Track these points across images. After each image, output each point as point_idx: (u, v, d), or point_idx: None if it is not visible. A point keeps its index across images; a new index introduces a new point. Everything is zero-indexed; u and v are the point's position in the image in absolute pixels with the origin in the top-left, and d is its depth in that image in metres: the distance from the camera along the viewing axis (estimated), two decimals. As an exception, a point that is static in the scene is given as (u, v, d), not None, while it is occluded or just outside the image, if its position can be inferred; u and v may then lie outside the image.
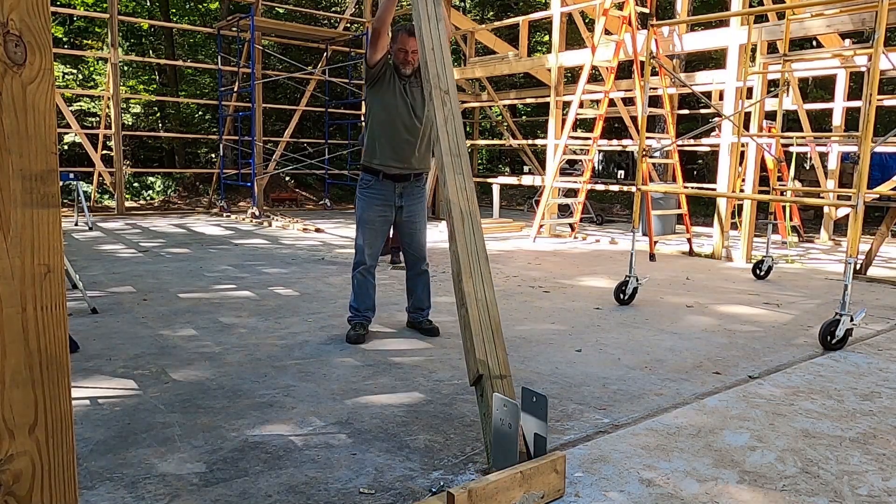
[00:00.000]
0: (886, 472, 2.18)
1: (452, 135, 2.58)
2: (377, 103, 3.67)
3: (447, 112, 2.60)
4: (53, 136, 1.13)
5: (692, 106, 12.18)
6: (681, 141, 8.13)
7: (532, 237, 8.67)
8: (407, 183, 3.73)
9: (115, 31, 11.02)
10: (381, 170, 3.68)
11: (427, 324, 3.90)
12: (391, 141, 3.65)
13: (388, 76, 3.63)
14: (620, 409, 2.75)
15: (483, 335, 2.27)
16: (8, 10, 1.06)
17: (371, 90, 3.67)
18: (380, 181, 3.69)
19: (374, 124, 3.69)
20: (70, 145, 13.39)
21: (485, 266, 2.41)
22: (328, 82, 13.03)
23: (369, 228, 3.72)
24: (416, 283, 3.90)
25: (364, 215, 3.72)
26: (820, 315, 4.52)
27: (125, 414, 2.58)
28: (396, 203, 3.73)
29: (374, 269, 3.81)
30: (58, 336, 1.15)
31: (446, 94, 2.62)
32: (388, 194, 3.70)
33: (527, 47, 10.23)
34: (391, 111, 3.62)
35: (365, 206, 3.72)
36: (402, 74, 3.64)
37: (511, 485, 1.87)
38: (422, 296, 3.91)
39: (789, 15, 5.94)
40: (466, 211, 2.47)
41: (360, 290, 3.77)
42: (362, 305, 3.77)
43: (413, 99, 3.64)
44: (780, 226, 8.08)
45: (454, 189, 2.48)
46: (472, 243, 2.42)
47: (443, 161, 2.52)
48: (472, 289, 2.33)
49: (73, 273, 4.46)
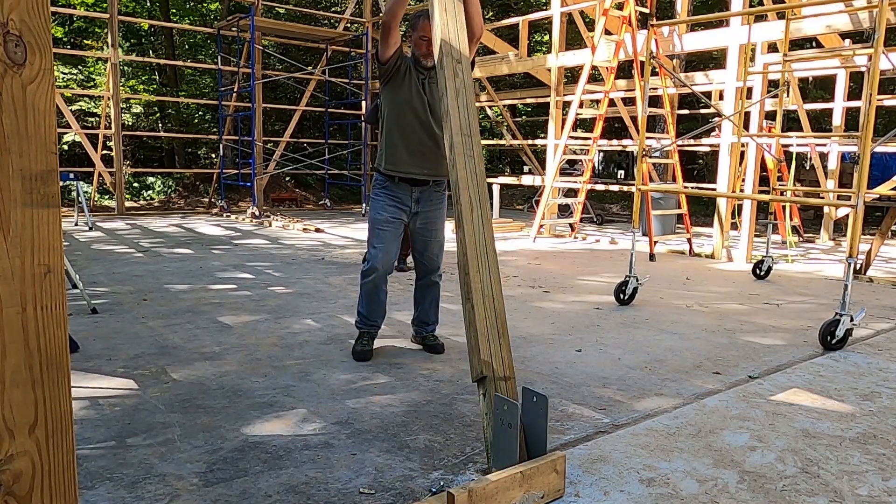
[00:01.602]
0: (886, 472, 2.18)
1: (464, 111, 2.31)
2: (390, 101, 3.32)
3: (459, 84, 2.32)
4: (53, 136, 1.13)
5: (692, 106, 12.18)
6: (681, 141, 8.12)
7: (532, 237, 8.66)
8: (425, 188, 3.38)
9: (115, 31, 11.02)
10: (394, 174, 3.33)
11: (431, 339, 3.58)
12: (406, 143, 3.29)
13: (403, 70, 3.26)
14: (620, 409, 2.75)
15: (488, 334, 2.16)
16: (8, 10, 1.06)
17: (385, 87, 3.32)
18: (395, 184, 3.35)
19: (387, 124, 3.34)
20: (70, 145, 13.39)
21: (493, 258, 2.25)
22: (328, 82, 13.03)
23: (382, 231, 3.36)
24: (424, 295, 3.57)
25: (377, 216, 3.38)
26: (820, 315, 4.52)
27: (125, 414, 2.58)
28: (413, 209, 3.38)
29: (387, 276, 3.45)
30: (58, 336, 1.15)
31: (458, 63, 2.33)
32: (403, 197, 3.36)
33: (527, 47, 10.23)
34: (405, 109, 3.27)
35: (378, 207, 3.38)
36: (422, 67, 3.27)
37: (511, 485, 1.87)
38: (429, 309, 3.58)
39: (789, 15, 5.94)
40: (476, 198, 2.27)
41: (369, 298, 3.44)
42: (371, 314, 3.46)
43: (432, 96, 3.27)
44: (780, 226, 8.07)
45: (464, 173, 2.26)
46: (481, 233, 2.25)
47: (452, 141, 2.28)
48: (480, 284, 2.19)
49: (73, 273, 4.46)
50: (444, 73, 2.30)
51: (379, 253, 3.36)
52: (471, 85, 2.37)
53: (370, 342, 3.45)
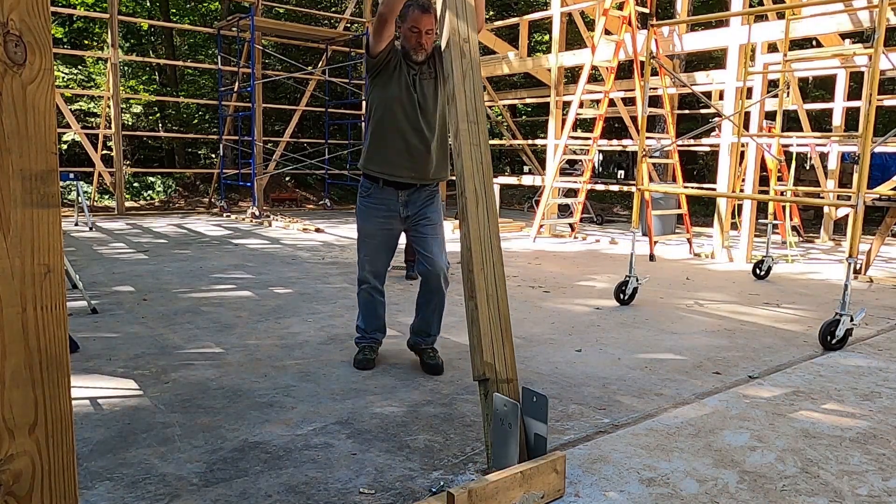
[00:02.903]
0: (886, 472, 2.18)
1: (470, 95, 2.14)
2: (378, 97, 3.08)
3: (466, 66, 2.13)
4: (53, 136, 1.13)
5: (692, 106, 12.18)
6: (681, 141, 8.12)
7: (532, 237, 8.66)
8: (412, 190, 3.15)
9: (115, 32, 11.02)
10: (379, 177, 3.12)
11: (431, 356, 3.26)
12: (393, 144, 3.07)
13: (393, 64, 3.02)
14: (620, 409, 2.75)
15: (492, 335, 2.10)
16: (8, 10, 1.06)
17: (373, 82, 3.09)
18: (380, 188, 3.14)
19: (374, 122, 3.12)
20: (70, 145, 13.39)
21: (497, 255, 2.16)
22: (328, 82, 13.03)
23: (370, 242, 3.22)
24: (428, 301, 3.26)
25: (364, 227, 3.21)
26: (820, 315, 4.52)
27: (125, 414, 2.58)
28: (402, 213, 3.15)
29: (382, 286, 3.30)
30: (58, 336, 1.15)
31: (466, 42, 2.14)
32: (390, 203, 3.13)
33: (527, 47, 10.23)
34: (393, 108, 3.04)
35: (364, 216, 3.19)
36: (412, 62, 3.04)
37: (511, 485, 1.87)
38: (430, 317, 3.27)
39: (789, 15, 5.94)
40: (482, 190, 2.14)
41: (366, 310, 3.31)
42: (370, 326, 3.31)
43: (423, 95, 3.05)
44: (780, 226, 8.07)
45: (469, 163, 2.12)
46: (486, 228, 2.14)
47: (458, 128, 2.12)
48: (484, 282, 2.10)
49: (73, 273, 4.46)
50: (449, 52, 2.12)
51: (366, 264, 3.24)
52: (478, 66, 2.19)
53: (372, 353, 3.31)
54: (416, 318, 3.33)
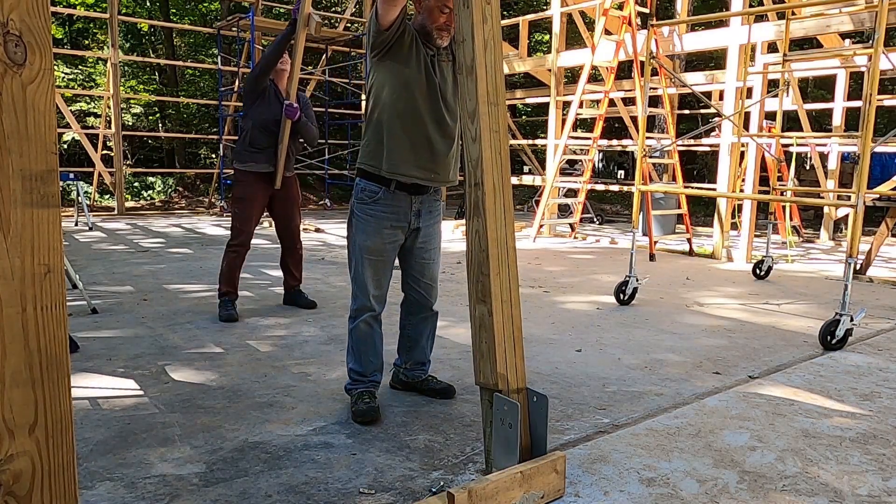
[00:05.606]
0: (886, 472, 2.18)
1: (491, 71, 1.81)
2: (390, 80, 2.47)
3: (488, 33, 1.79)
4: (53, 136, 1.13)
5: (692, 106, 12.18)
6: (681, 141, 8.13)
7: (532, 237, 8.66)
8: (425, 196, 2.62)
9: (115, 32, 11.02)
10: (392, 178, 2.52)
11: (436, 381, 2.85)
12: (411, 138, 2.49)
13: (408, 42, 2.44)
14: (620, 409, 2.75)
15: (505, 345, 1.94)
16: (8, 10, 1.06)
17: (380, 62, 2.47)
18: (390, 193, 2.53)
19: (383, 112, 2.50)
20: (70, 145, 13.39)
21: (513, 257, 1.96)
22: (328, 82, 13.03)
23: (375, 262, 2.58)
24: (422, 331, 2.81)
25: (368, 242, 2.55)
26: (820, 315, 4.52)
27: (125, 414, 2.58)
28: (412, 224, 2.60)
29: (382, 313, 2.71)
30: (58, 336, 1.15)
31: (488, 4, 1.81)
32: (401, 212, 2.56)
33: (527, 47, 10.24)
34: (409, 93, 2.46)
35: (370, 229, 2.55)
36: (431, 44, 2.51)
37: (511, 485, 1.87)
38: (426, 346, 2.83)
39: (789, 15, 5.94)
40: (500, 184, 1.87)
41: (363, 347, 2.64)
42: (369, 367, 2.65)
43: (443, 79, 2.52)
44: (780, 226, 8.07)
45: (489, 153, 1.83)
46: (503, 226, 1.89)
47: (478, 109, 1.80)
48: (499, 288, 1.90)
49: (73, 273, 4.46)
50: (470, 12, 1.76)
51: (371, 287, 2.59)
52: (500, 38, 1.84)
53: (373, 399, 2.62)
54: (410, 353, 2.84)
